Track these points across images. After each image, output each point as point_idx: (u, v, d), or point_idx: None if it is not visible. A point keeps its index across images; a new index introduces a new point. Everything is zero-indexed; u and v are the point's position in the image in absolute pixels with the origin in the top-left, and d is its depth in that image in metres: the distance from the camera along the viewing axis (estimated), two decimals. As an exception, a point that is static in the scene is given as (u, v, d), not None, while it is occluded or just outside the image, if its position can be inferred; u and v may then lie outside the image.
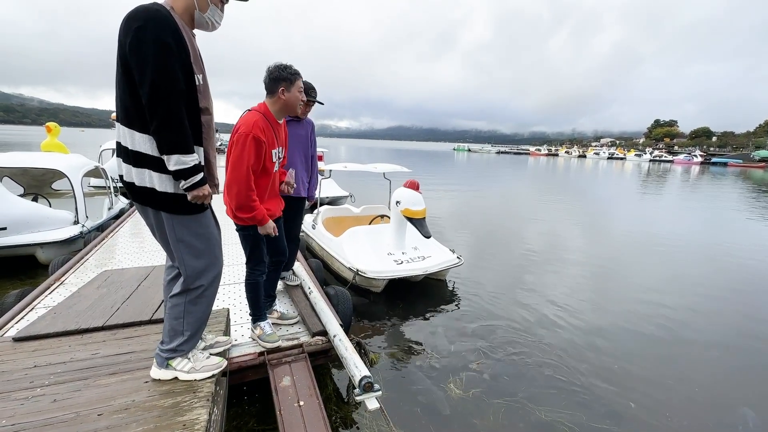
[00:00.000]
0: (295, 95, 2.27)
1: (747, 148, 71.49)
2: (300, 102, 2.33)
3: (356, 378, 2.17)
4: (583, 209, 12.50)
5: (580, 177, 27.42)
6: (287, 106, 2.30)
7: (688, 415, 2.70)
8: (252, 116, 2.24)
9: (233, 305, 3.17)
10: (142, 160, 1.52)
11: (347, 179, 14.70)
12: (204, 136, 1.62)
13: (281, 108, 2.30)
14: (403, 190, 4.60)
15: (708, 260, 6.74)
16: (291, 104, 2.29)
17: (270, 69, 2.25)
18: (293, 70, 2.26)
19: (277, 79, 2.23)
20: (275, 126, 2.33)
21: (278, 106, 2.29)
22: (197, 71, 1.57)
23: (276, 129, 2.34)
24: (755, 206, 13.99)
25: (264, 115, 2.26)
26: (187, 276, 1.68)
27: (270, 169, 2.35)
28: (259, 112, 2.26)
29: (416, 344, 3.53)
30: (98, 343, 2.18)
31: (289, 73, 2.23)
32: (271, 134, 2.28)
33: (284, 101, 2.26)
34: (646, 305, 4.58)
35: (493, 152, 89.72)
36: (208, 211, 1.73)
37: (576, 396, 2.85)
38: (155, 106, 1.43)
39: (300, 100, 2.31)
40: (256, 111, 2.27)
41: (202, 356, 1.85)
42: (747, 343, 3.76)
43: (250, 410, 2.52)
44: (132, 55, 1.41)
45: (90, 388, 1.72)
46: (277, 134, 2.36)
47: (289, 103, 2.28)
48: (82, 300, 2.83)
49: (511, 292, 4.82)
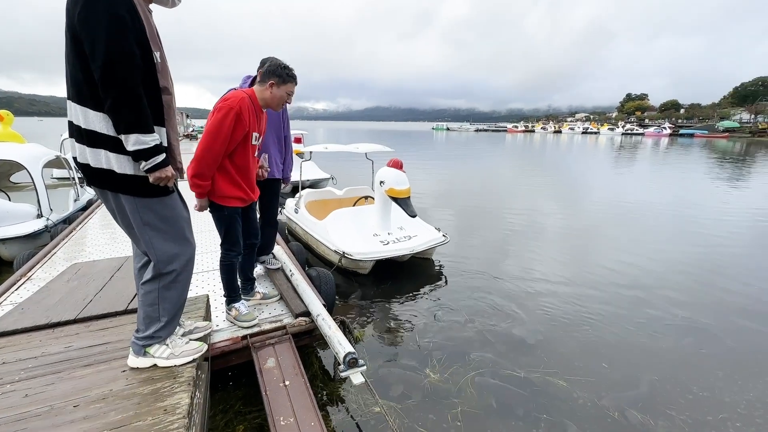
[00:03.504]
0: (281, 95, 2.34)
1: (712, 119, 74.31)
2: (283, 103, 2.41)
3: (340, 355, 2.19)
4: (561, 182, 12.83)
5: (556, 152, 27.94)
6: (270, 100, 2.36)
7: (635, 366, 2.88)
8: (240, 93, 2.27)
9: (213, 291, 3.12)
10: (96, 139, 1.42)
11: (328, 161, 14.50)
12: (165, 117, 1.53)
13: (266, 99, 2.35)
14: (387, 169, 4.55)
15: (674, 225, 7.15)
16: (275, 100, 2.35)
17: (271, 61, 2.34)
18: (291, 72, 2.34)
19: (272, 73, 2.29)
20: (258, 112, 2.38)
21: (263, 97, 2.34)
22: (155, 48, 1.46)
23: (259, 115, 2.39)
24: (721, 175, 14.73)
25: (251, 98, 2.30)
26: (158, 261, 1.62)
27: (249, 151, 2.38)
28: (248, 94, 2.29)
29: (402, 321, 3.58)
30: (71, 336, 2.11)
31: (285, 72, 2.30)
32: (254, 118, 2.31)
33: (270, 95, 2.32)
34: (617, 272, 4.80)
35: (472, 130, 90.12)
36: (175, 193, 1.65)
37: (555, 359, 2.98)
38: (109, 82, 1.33)
39: (284, 101, 2.39)
40: (243, 92, 2.30)
41: (181, 342, 1.81)
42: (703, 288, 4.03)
43: (236, 393, 2.52)
44: (82, 28, 1.30)
45: (64, 381, 1.66)
46: (259, 121, 2.40)
47: (274, 98, 2.34)
48: (52, 294, 2.71)
49: (495, 267, 4.92)
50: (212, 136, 2.17)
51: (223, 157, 2.27)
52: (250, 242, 2.78)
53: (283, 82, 2.31)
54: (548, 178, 13.74)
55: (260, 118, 2.41)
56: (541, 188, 11.45)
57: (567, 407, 2.49)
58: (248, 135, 2.30)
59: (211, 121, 2.20)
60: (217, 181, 2.33)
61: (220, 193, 2.35)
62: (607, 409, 2.47)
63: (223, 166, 2.32)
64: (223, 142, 2.19)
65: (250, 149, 2.38)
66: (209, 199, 2.38)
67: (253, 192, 2.55)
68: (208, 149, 2.19)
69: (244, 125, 2.23)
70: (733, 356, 3.07)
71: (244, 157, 2.36)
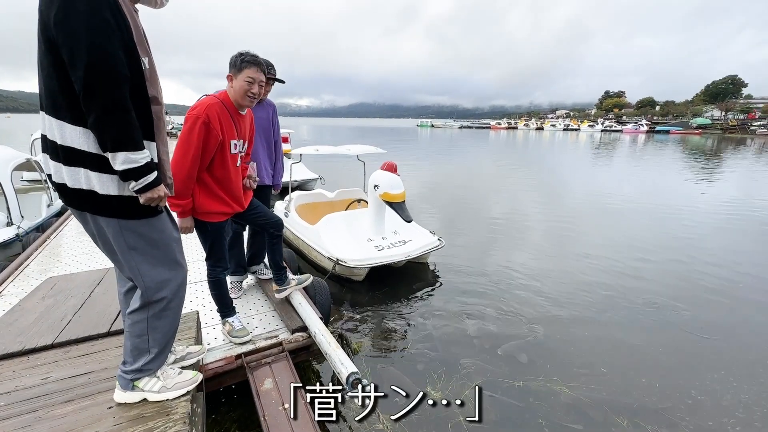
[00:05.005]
0: (240, 83, 2.08)
1: (686, 116, 76.90)
2: (249, 94, 2.13)
3: (343, 375, 2.09)
4: (546, 179, 13.07)
5: (539, 148, 28.40)
6: (235, 95, 2.13)
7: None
8: (208, 99, 2.07)
9: (202, 305, 2.96)
10: (74, 157, 1.26)
11: (316, 161, 14.25)
12: (155, 130, 1.38)
13: (232, 97, 2.14)
14: (381, 173, 4.42)
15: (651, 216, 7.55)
16: (238, 93, 2.12)
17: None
18: (246, 57, 2.07)
19: (229, 66, 2.10)
20: (235, 115, 2.16)
21: (231, 95, 2.14)
22: (143, 54, 1.31)
23: (236, 119, 2.17)
24: (695, 169, 15.26)
25: (222, 102, 2.09)
26: (147, 288, 1.47)
27: (228, 162, 2.18)
28: (218, 98, 2.09)
29: (399, 329, 3.50)
30: (48, 365, 1.93)
31: (240, 59, 2.07)
32: (229, 123, 2.11)
33: (232, 90, 2.12)
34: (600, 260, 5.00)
35: (456, 127, 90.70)
36: (163, 213, 1.50)
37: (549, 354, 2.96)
38: (93, 95, 1.17)
39: (246, 90, 2.11)
40: (214, 96, 2.10)
41: (173, 372, 1.66)
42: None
43: (231, 416, 2.39)
44: (59, 32, 1.14)
45: (42, 422, 1.50)
46: (237, 125, 2.19)
47: (236, 91, 2.11)
48: (25, 314, 2.50)
49: (490, 268, 4.90)
50: (182, 150, 2.00)
51: (199, 170, 2.11)
52: (271, 232, 2.67)
53: (239, 70, 2.07)
54: (536, 176, 13.97)
55: (239, 122, 2.20)
56: (531, 186, 11.58)
57: (568, 414, 2.46)
58: (224, 144, 2.11)
59: (181, 134, 2.03)
60: (196, 196, 2.17)
61: (201, 209, 2.20)
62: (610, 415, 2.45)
63: (202, 179, 2.15)
64: (194, 157, 2.01)
65: (230, 159, 2.18)
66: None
67: (238, 203, 2.35)
68: (179, 166, 2.00)
69: (215, 134, 2.04)
70: (728, 355, 3.11)
71: (223, 168, 2.18)
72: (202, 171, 2.13)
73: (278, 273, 2.83)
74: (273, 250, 2.77)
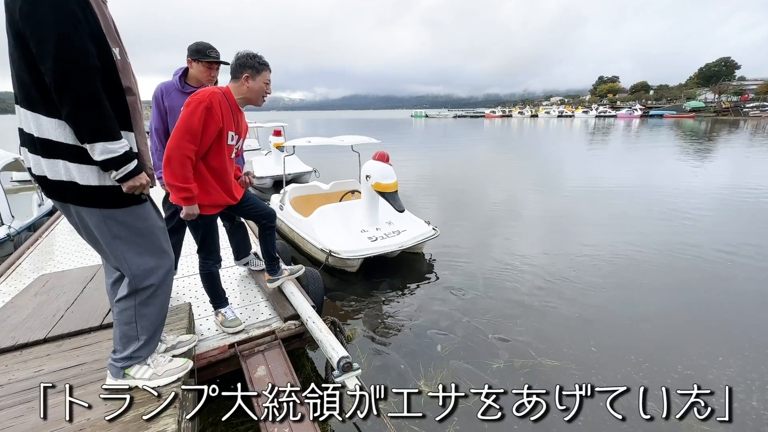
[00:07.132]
0: (260, 85, 2.18)
1: (680, 99, 76.86)
2: (264, 93, 2.24)
3: (334, 360, 2.13)
4: (541, 165, 13.08)
5: (534, 136, 28.36)
6: (249, 94, 2.19)
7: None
8: (211, 89, 2.10)
9: (195, 297, 2.98)
10: (52, 149, 1.26)
11: (310, 153, 14.17)
12: (131, 120, 1.38)
13: (244, 95, 2.19)
14: (373, 163, 4.40)
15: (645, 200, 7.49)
16: (254, 93, 2.19)
17: (238, 55, 2.16)
18: (262, 60, 2.17)
19: (243, 66, 2.13)
20: (235, 110, 2.20)
21: (241, 93, 2.18)
22: (113, 44, 1.30)
23: (236, 114, 2.21)
24: (688, 152, 15.32)
25: (225, 95, 2.12)
26: (133, 276, 1.49)
27: (224, 152, 2.21)
28: (221, 90, 2.13)
29: (393, 318, 3.54)
30: (41, 359, 1.95)
31: (256, 62, 2.14)
32: (228, 115, 2.14)
33: (247, 88, 2.16)
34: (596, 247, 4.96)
35: (450, 116, 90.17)
36: (147, 202, 1.51)
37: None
38: (64, 87, 1.17)
39: (264, 91, 2.22)
40: (218, 88, 2.14)
41: (163, 360, 1.69)
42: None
43: (226, 404, 2.42)
44: (26, 25, 1.14)
45: (35, 412, 1.52)
46: (236, 120, 2.23)
47: (252, 91, 2.18)
48: (18, 311, 2.51)
49: (484, 256, 4.94)
50: (180, 132, 1.98)
51: (196, 157, 2.12)
52: (264, 224, 2.69)
53: (258, 72, 2.15)
54: (529, 162, 13.97)
55: (237, 117, 2.24)
56: (526, 173, 11.61)
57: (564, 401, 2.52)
58: (223, 132, 2.13)
59: (179, 118, 2.02)
60: None
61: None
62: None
63: (197, 169, 2.15)
64: (192, 139, 2.00)
65: (226, 150, 2.21)
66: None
67: (230, 195, 2.36)
68: (176, 147, 1.97)
69: (216, 119, 2.05)
70: (716, 333, 3.18)
71: (219, 158, 2.19)
72: (198, 159, 2.14)
73: (271, 264, 2.85)
74: (266, 241, 2.79)
